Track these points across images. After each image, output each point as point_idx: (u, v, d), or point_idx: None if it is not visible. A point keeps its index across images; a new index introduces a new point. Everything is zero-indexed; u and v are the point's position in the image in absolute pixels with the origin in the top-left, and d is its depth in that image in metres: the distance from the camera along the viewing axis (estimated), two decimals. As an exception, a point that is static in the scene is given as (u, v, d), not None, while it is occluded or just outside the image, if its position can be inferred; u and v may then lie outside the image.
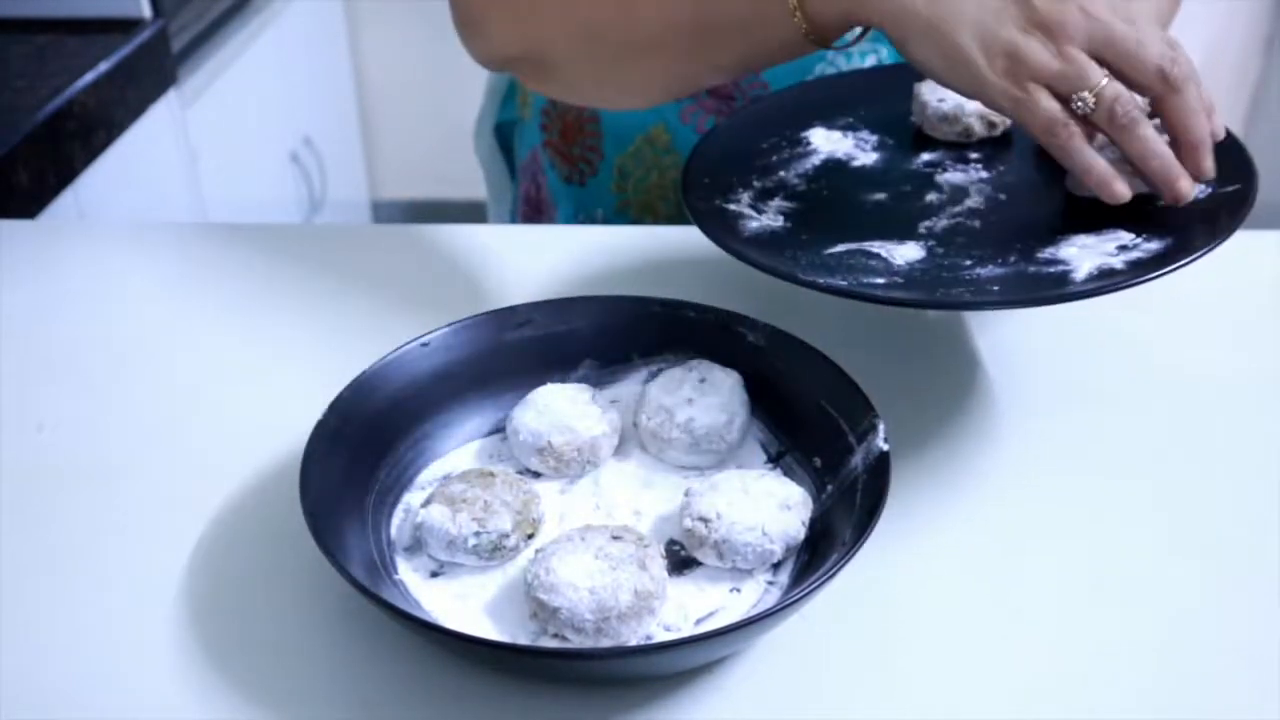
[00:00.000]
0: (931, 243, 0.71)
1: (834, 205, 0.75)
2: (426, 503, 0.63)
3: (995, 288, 0.66)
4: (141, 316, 0.85)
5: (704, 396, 0.67)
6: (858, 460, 0.64)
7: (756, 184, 0.77)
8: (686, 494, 0.64)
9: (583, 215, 1.08)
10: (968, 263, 0.68)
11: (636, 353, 0.73)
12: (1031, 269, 0.67)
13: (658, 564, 0.58)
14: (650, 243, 0.93)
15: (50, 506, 0.69)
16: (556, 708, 0.57)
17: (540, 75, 0.88)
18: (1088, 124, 0.66)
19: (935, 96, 0.81)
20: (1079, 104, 0.65)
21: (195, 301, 0.87)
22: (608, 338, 0.73)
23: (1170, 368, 0.78)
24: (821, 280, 0.65)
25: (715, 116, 0.99)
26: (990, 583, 0.64)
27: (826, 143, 0.82)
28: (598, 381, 0.73)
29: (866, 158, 0.80)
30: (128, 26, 1.42)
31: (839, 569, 0.56)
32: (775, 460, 0.69)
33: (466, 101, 0.88)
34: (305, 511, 0.59)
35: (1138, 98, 0.66)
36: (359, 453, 0.65)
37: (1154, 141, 0.66)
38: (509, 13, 0.84)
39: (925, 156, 0.80)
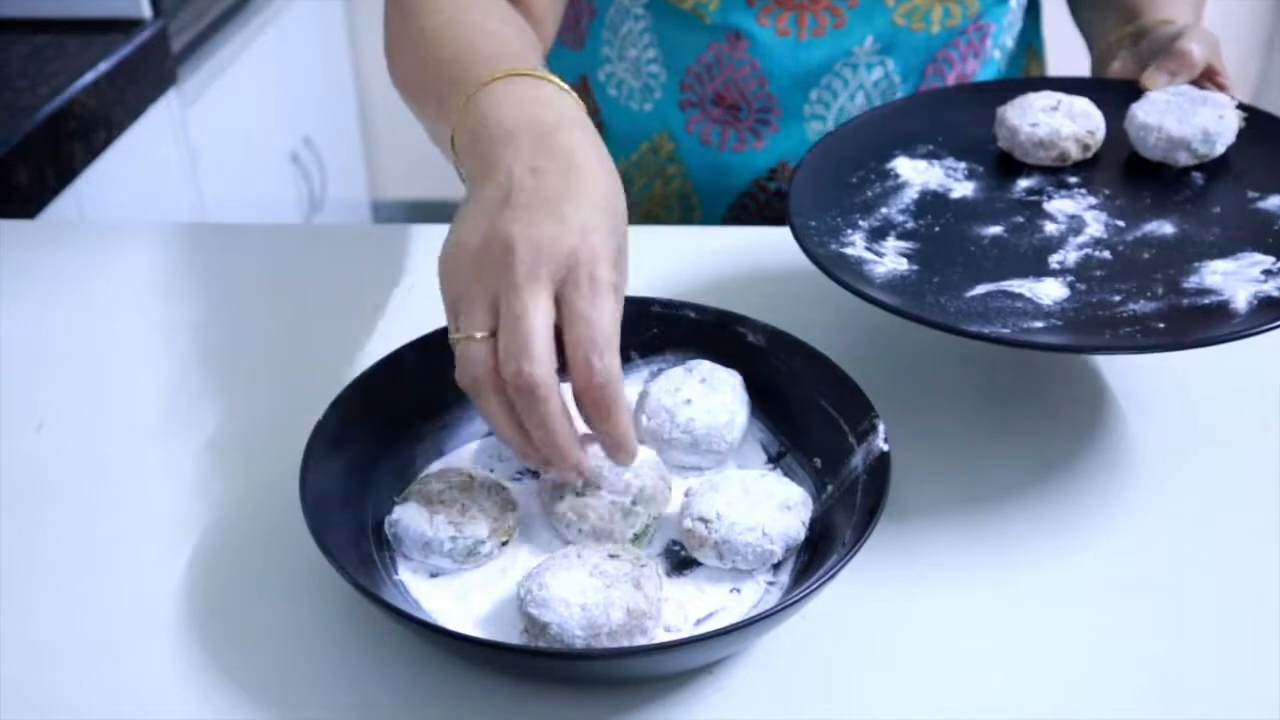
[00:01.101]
0: (1070, 278, 0.70)
1: (952, 243, 0.74)
2: (403, 500, 0.63)
3: (1160, 325, 0.65)
4: (141, 316, 0.85)
5: (704, 397, 0.67)
6: (858, 460, 0.64)
7: (863, 224, 0.75)
8: (686, 494, 0.63)
9: None
10: (1116, 298, 0.68)
11: (636, 353, 0.73)
12: (1185, 302, 0.67)
13: (653, 584, 0.58)
14: (650, 243, 0.93)
15: (50, 506, 0.69)
16: (556, 708, 0.57)
17: None
18: None
19: (1026, 121, 0.80)
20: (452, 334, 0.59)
21: (196, 301, 0.87)
22: (608, 337, 0.73)
23: (1178, 369, 0.78)
24: (988, 330, 0.64)
25: (721, 127, 0.99)
26: (990, 583, 0.63)
27: (914, 173, 0.80)
28: (598, 381, 0.73)
29: (963, 188, 0.79)
30: (128, 26, 1.42)
31: (839, 569, 0.56)
32: (775, 460, 0.69)
33: (467, 101, 0.88)
34: (305, 511, 0.59)
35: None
36: (359, 453, 0.65)
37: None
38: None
39: (1023, 184, 0.79)
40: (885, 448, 0.63)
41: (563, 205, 0.58)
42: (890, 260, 0.72)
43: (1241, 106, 0.81)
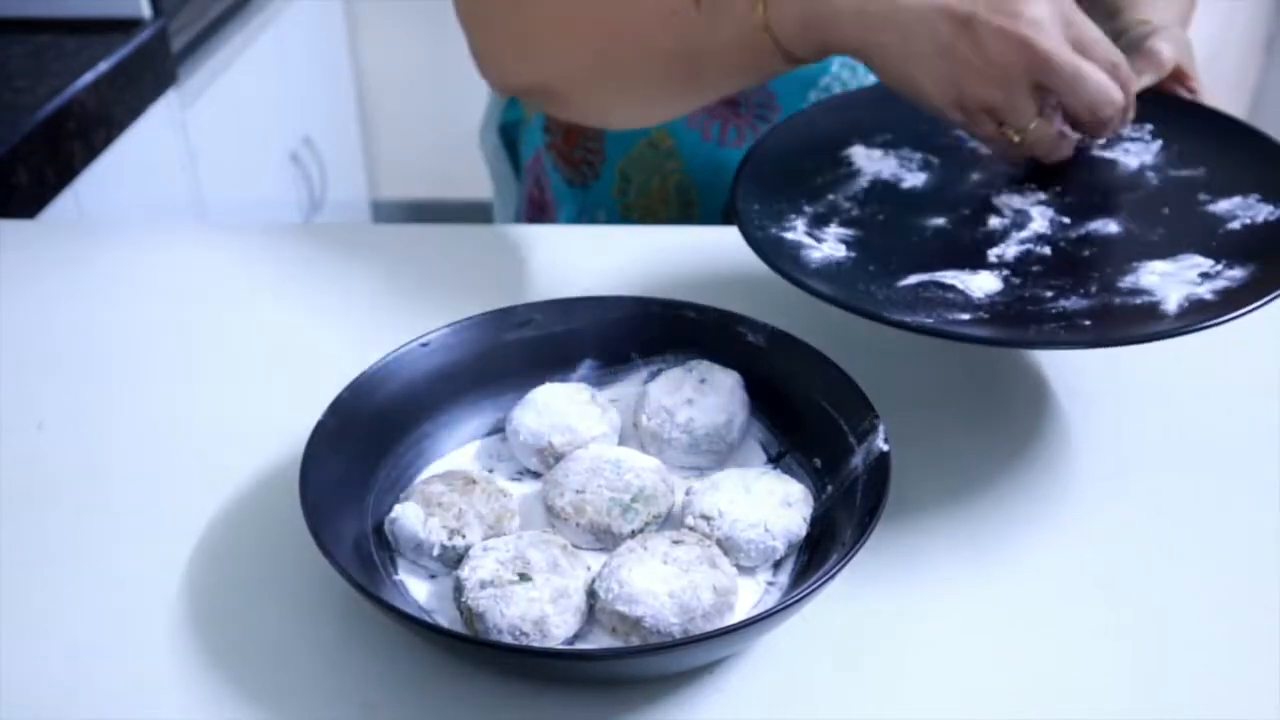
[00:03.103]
0: (1005, 272, 0.69)
1: (894, 232, 0.74)
2: (405, 499, 0.63)
3: (1087, 322, 0.64)
4: (141, 316, 0.85)
5: (704, 397, 0.67)
6: (858, 460, 0.64)
7: (808, 209, 0.75)
8: (688, 493, 0.64)
9: (585, 217, 1.08)
10: (1049, 294, 0.67)
11: (636, 353, 0.73)
12: (1118, 300, 0.66)
13: (725, 560, 0.59)
14: (650, 243, 0.93)
15: (50, 506, 0.69)
16: (556, 708, 0.57)
17: (552, 103, 0.90)
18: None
19: None
20: (1011, 134, 0.72)
21: (195, 301, 0.87)
22: (608, 338, 0.73)
23: (1185, 376, 0.78)
24: (910, 319, 0.64)
25: (720, 123, 0.99)
26: (990, 583, 0.64)
27: (869, 162, 0.80)
28: (598, 381, 0.73)
29: (915, 179, 0.79)
30: (128, 26, 1.42)
31: (839, 570, 0.56)
32: (775, 461, 0.69)
33: (467, 101, 0.89)
34: (305, 511, 0.59)
35: (1066, 135, 0.74)
36: (359, 453, 0.65)
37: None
38: (517, 48, 0.86)
39: (976, 177, 0.79)
40: (885, 448, 0.63)
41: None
42: (829, 246, 0.72)
43: (1214, 110, 0.81)
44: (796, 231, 0.73)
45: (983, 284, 0.68)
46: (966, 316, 0.65)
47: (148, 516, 0.68)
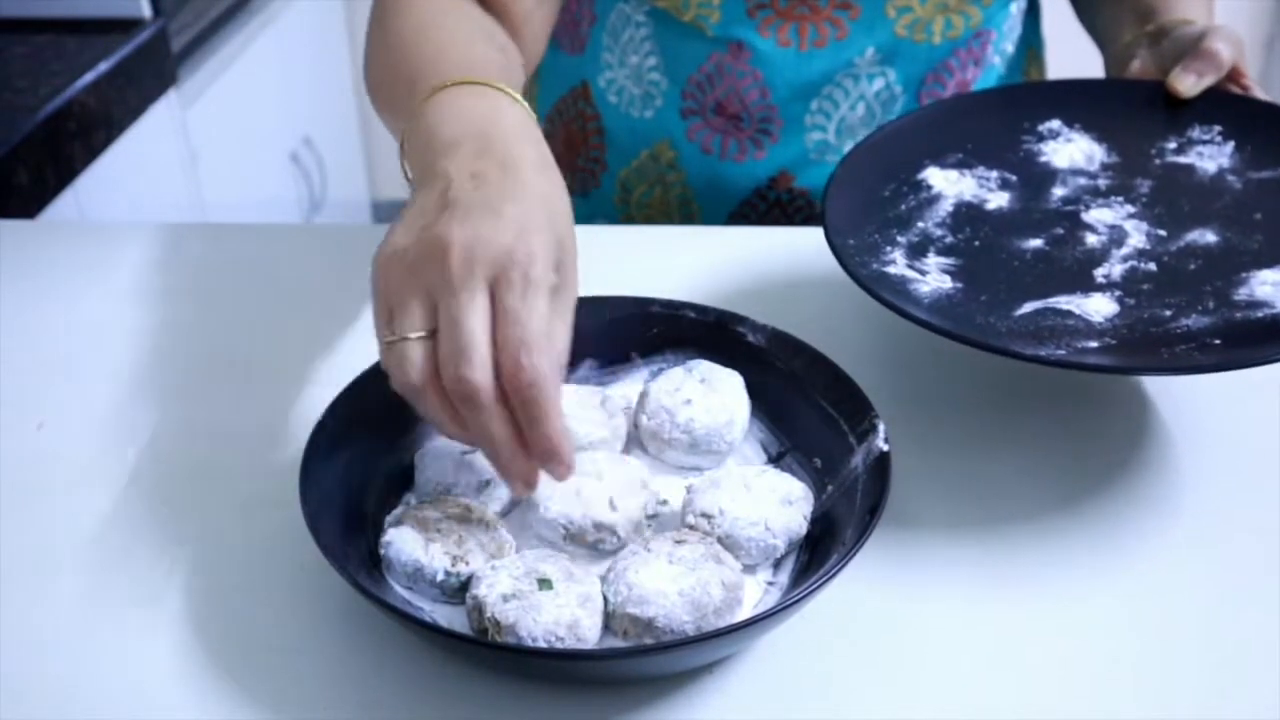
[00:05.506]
0: (1118, 293, 0.69)
1: (994, 258, 0.73)
2: (395, 523, 0.61)
3: (1217, 341, 0.64)
4: (142, 316, 0.85)
5: (704, 397, 0.67)
6: (858, 460, 0.64)
7: (901, 239, 0.74)
8: (688, 491, 0.64)
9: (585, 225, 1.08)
10: (1167, 313, 0.67)
11: (636, 353, 0.73)
12: (1239, 315, 0.66)
13: (730, 556, 0.59)
14: (650, 243, 0.93)
15: (50, 506, 0.69)
16: (556, 708, 0.57)
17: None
18: None
19: None
20: (386, 334, 0.58)
21: (195, 301, 0.87)
22: (608, 338, 0.73)
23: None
24: (1045, 353, 0.64)
25: (721, 136, 0.99)
26: (989, 583, 0.64)
27: (946, 183, 0.79)
28: (598, 382, 0.73)
29: (998, 199, 0.78)
30: (128, 26, 1.42)
31: (839, 570, 0.56)
32: (775, 460, 0.69)
33: (466, 101, 0.88)
34: (305, 511, 0.59)
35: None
36: (359, 453, 0.65)
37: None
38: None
39: (1058, 193, 0.78)
40: (885, 448, 0.63)
41: (500, 205, 0.58)
42: (934, 278, 0.71)
43: (1269, 105, 0.80)
44: (898, 265, 0.72)
45: (1099, 307, 0.68)
46: (1094, 344, 0.65)
47: (148, 517, 0.68)
